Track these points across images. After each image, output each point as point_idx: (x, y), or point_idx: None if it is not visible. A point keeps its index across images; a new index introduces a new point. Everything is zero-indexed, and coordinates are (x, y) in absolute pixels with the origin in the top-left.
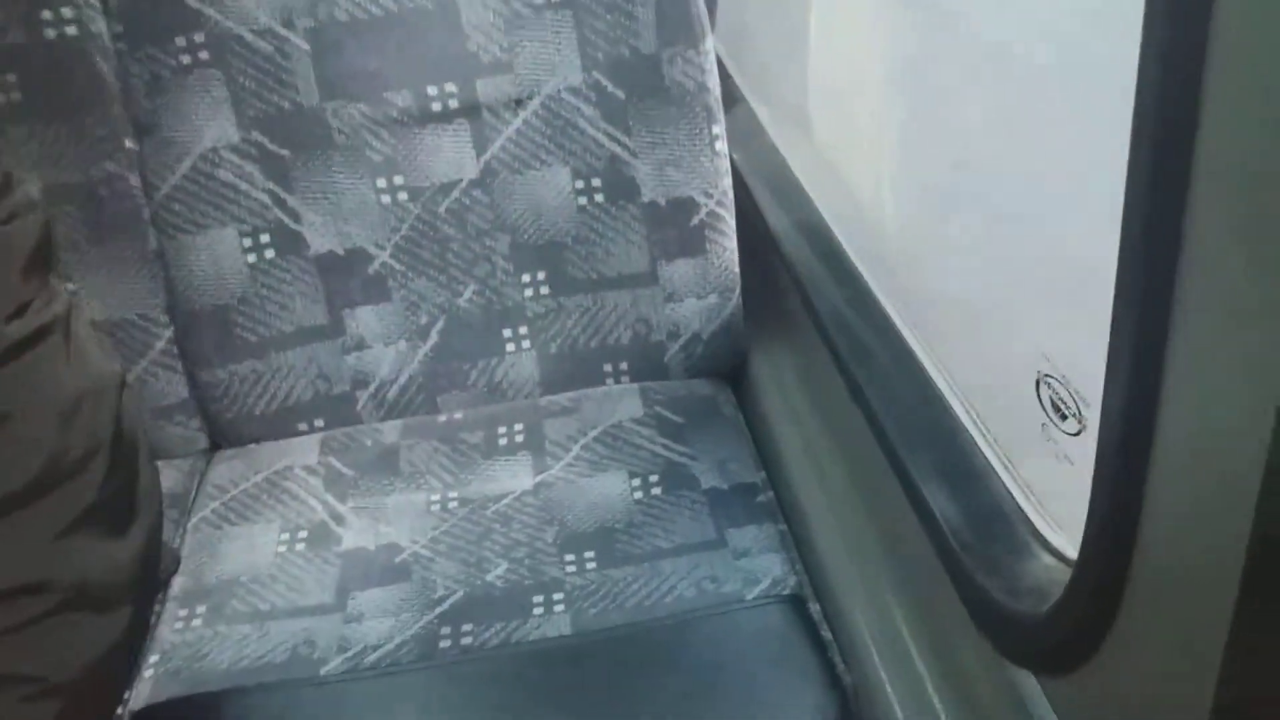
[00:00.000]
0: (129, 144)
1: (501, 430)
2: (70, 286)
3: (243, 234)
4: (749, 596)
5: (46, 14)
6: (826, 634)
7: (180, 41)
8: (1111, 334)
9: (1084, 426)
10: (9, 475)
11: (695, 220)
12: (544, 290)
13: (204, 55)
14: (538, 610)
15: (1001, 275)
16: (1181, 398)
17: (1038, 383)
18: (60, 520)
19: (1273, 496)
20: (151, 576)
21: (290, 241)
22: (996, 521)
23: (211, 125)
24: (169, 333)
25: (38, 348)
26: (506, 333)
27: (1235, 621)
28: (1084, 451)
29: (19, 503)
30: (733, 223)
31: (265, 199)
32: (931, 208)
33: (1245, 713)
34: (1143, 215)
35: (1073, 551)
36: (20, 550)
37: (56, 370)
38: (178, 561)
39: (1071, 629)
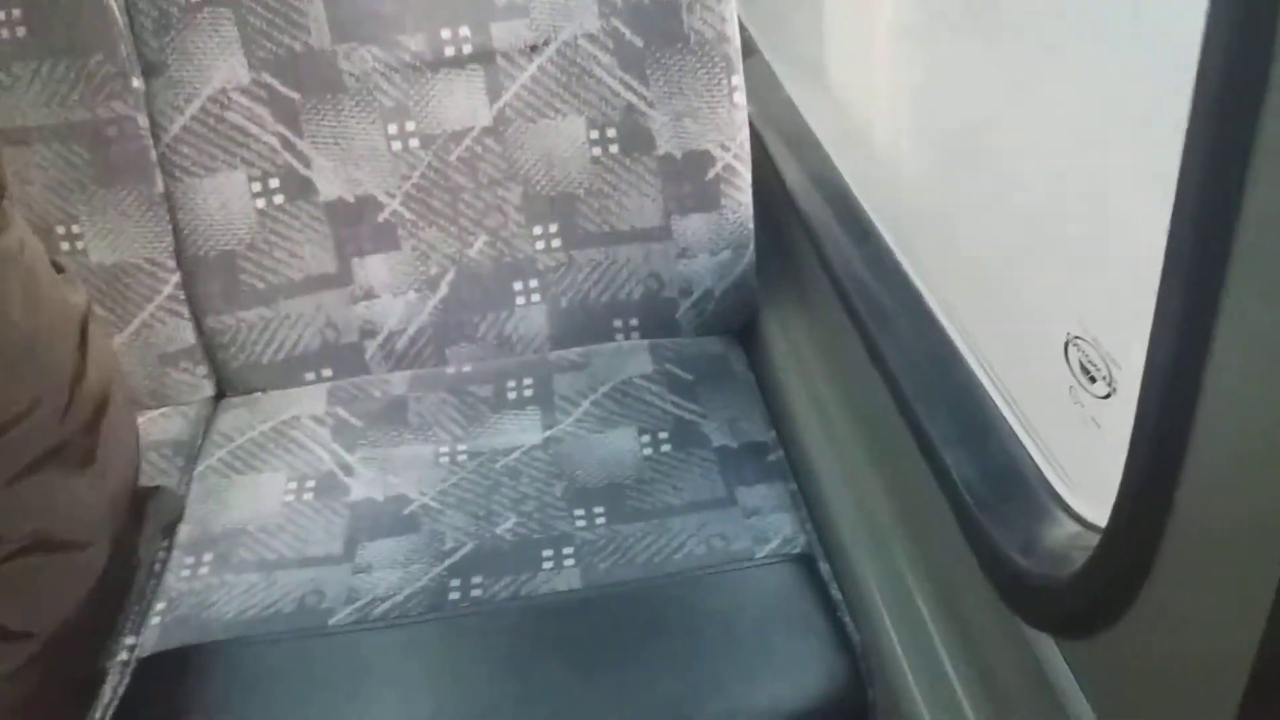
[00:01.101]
0: (136, 83)
1: (510, 384)
2: (76, 229)
3: (252, 178)
4: (758, 555)
5: None
6: (836, 593)
7: None
8: (1160, 292)
9: (1114, 390)
10: None
11: (711, 174)
12: (555, 243)
13: None
14: (547, 564)
15: (1027, 233)
16: (1228, 360)
17: (1066, 345)
18: (20, 458)
19: None
20: (137, 523)
21: (300, 187)
22: (1016, 484)
23: (220, 66)
24: (176, 278)
25: None
26: (517, 285)
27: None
28: (1113, 415)
29: None
30: (748, 177)
31: (275, 143)
32: (952, 163)
33: None
34: (1200, 173)
35: (1095, 516)
36: None
37: (7, 311)
38: (183, 508)
39: (1099, 594)
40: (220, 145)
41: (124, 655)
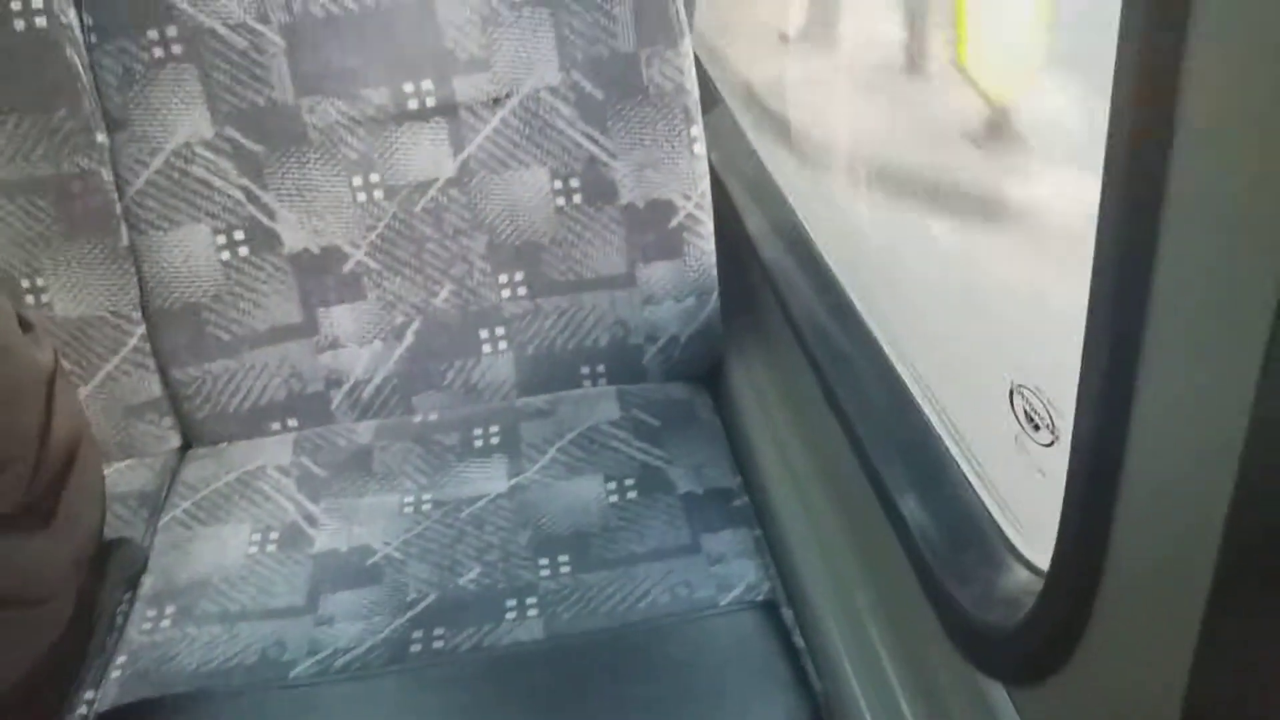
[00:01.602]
0: (100, 138)
1: (477, 432)
2: (40, 281)
3: (216, 231)
4: (722, 602)
5: (16, 4)
6: (799, 641)
7: (153, 34)
8: (1085, 343)
9: (1057, 438)
10: None
11: (674, 222)
12: (521, 291)
13: (176, 49)
14: (510, 614)
15: (977, 286)
16: (1153, 409)
17: (1011, 393)
18: None
19: (1242, 510)
20: (100, 576)
21: (264, 239)
22: (969, 531)
23: (185, 120)
24: (141, 330)
25: None
26: (483, 333)
27: (1203, 632)
28: (1057, 463)
29: None
30: (711, 225)
31: (239, 195)
32: (907, 217)
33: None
34: (1117, 222)
35: (1045, 563)
36: None
37: None
38: (146, 560)
39: (1042, 640)
40: (184, 199)
41: (83, 710)
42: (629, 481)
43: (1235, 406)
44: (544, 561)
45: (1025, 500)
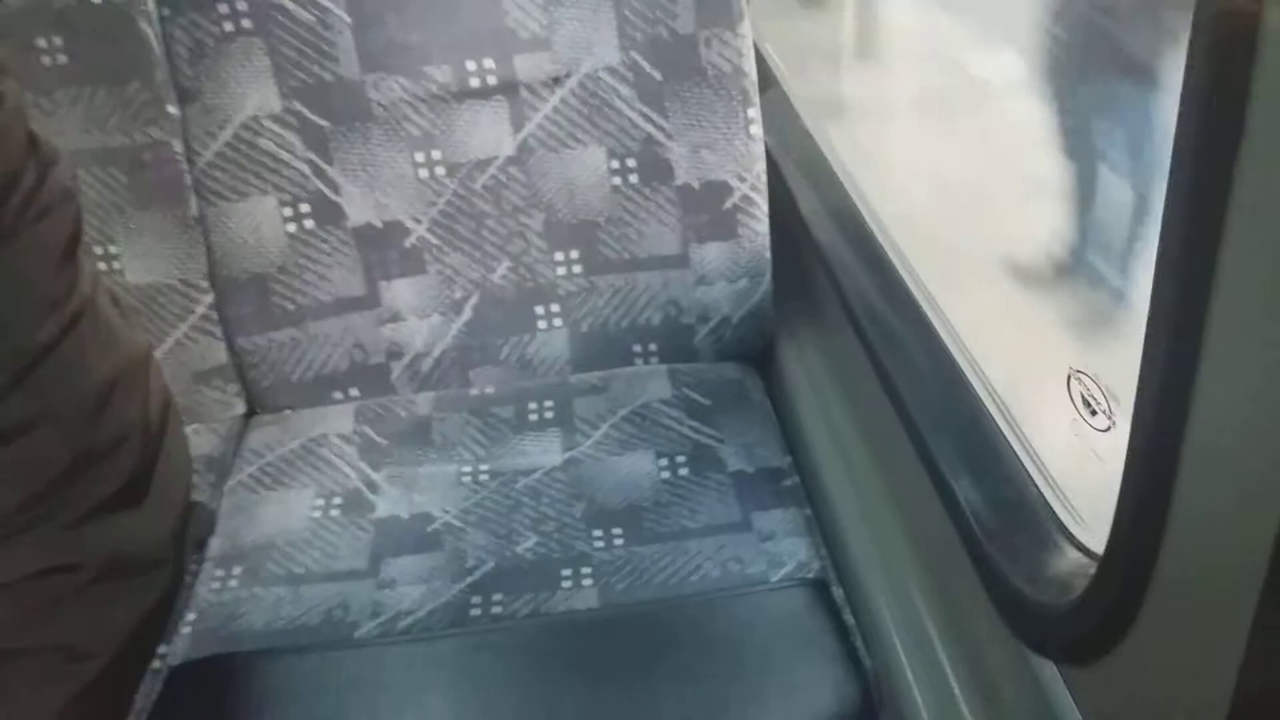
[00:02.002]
0: (172, 110)
1: (532, 406)
2: (113, 249)
3: (283, 203)
4: (773, 579)
5: None
6: (849, 619)
7: (223, 9)
8: (1148, 326)
9: (1114, 423)
10: (36, 474)
11: (728, 204)
12: (576, 269)
13: (246, 24)
14: (566, 583)
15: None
16: (1213, 394)
17: (1069, 378)
18: (88, 504)
19: None
20: (184, 539)
21: (329, 212)
22: (1021, 513)
23: (253, 93)
24: (209, 299)
25: (65, 342)
26: (539, 310)
27: (1258, 616)
28: (1113, 448)
29: (46, 494)
30: (765, 207)
31: (305, 169)
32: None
33: (1265, 707)
34: (1183, 204)
35: (1097, 546)
36: (48, 535)
37: (85, 362)
38: (214, 523)
39: (1096, 621)
40: (252, 170)
41: (156, 664)
42: (680, 458)
43: None
44: (598, 533)
45: (1079, 483)
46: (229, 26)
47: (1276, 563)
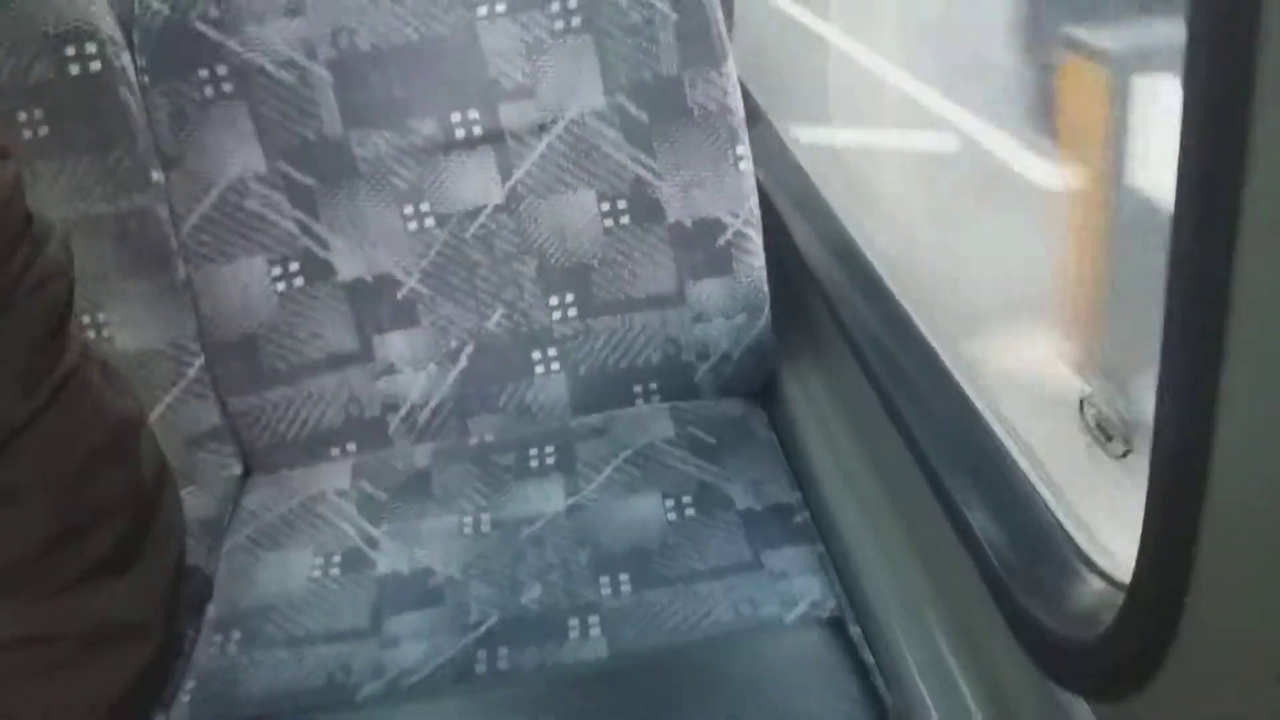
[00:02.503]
0: (155, 176)
1: (533, 452)
2: (101, 317)
3: (271, 262)
4: (787, 619)
5: (70, 50)
6: (868, 657)
7: (203, 74)
8: (1163, 344)
9: (1130, 448)
10: (17, 543)
11: (722, 240)
12: (572, 312)
13: (227, 88)
14: (573, 633)
15: (1039, 291)
16: (1239, 405)
17: (1081, 404)
18: (72, 572)
19: None
20: (178, 605)
21: (319, 269)
22: (1041, 543)
23: (237, 156)
24: (200, 361)
25: (51, 412)
26: (535, 355)
27: None
28: (1130, 473)
29: (27, 563)
30: (760, 241)
31: (293, 228)
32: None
33: None
34: (1194, 219)
35: (1123, 575)
36: (28, 604)
37: (71, 431)
38: (211, 587)
39: (1126, 653)
40: (239, 232)
41: None
42: (686, 499)
43: None
44: (605, 580)
45: (1099, 511)
46: (210, 91)
47: None
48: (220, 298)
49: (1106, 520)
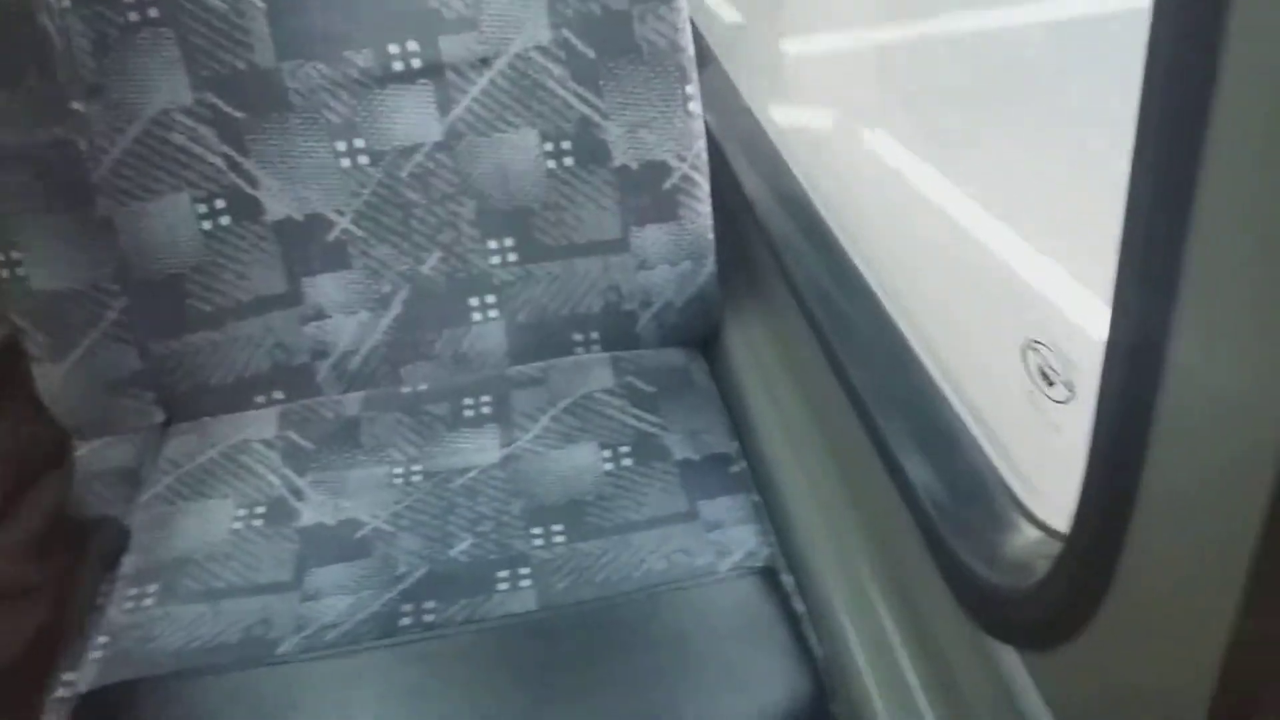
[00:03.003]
0: (76, 106)
1: (468, 402)
2: (16, 254)
3: (197, 199)
4: (721, 569)
5: None
6: (799, 606)
7: None
8: (1115, 287)
9: (1073, 394)
10: None
11: (668, 184)
12: (511, 257)
13: (153, 13)
14: (503, 586)
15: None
16: (1184, 366)
17: (1024, 349)
18: None
19: None
20: (79, 561)
21: (246, 207)
22: (977, 492)
23: (162, 86)
24: (120, 303)
25: None
26: (473, 301)
27: (1247, 591)
28: (1072, 420)
29: None
30: (707, 187)
31: (220, 163)
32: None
33: (1254, 691)
34: (1152, 163)
35: (1059, 524)
36: None
37: None
38: (128, 538)
39: (1060, 604)
40: (164, 167)
41: (63, 692)
42: (624, 449)
43: None
44: (537, 531)
45: (1037, 459)
46: (134, 16)
47: (1269, 534)
48: (143, 236)
49: (1045, 469)
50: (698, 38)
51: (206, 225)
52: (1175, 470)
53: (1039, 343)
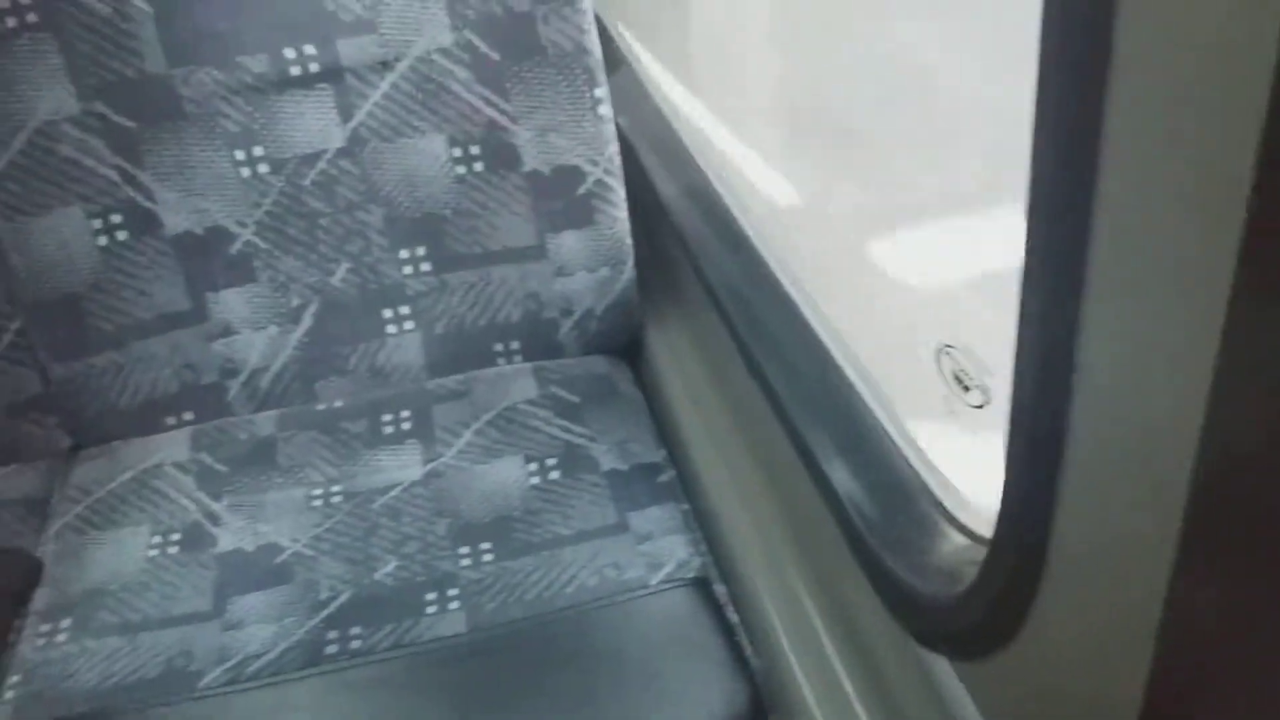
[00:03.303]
0: None
1: (386, 418)
2: None
3: (90, 214)
4: (653, 581)
5: None
6: (733, 616)
7: (3, 3)
8: (1021, 293)
9: (989, 399)
10: None
11: (582, 189)
12: (425, 267)
13: (31, 17)
14: (431, 608)
15: (901, 242)
16: (1096, 363)
17: (938, 353)
18: None
19: (1211, 462)
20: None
21: (143, 221)
22: (902, 498)
23: (47, 95)
24: (16, 324)
25: None
26: (387, 313)
27: (1172, 593)
28: (989, 424)
29: None
30: (622, 192)
31: (113, 175)
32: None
33: (1184, 693)
34: (1052, 159)
35: (985, 530)
36: None
37: None
38: (39, 571)
39: (987, 611)
40: (53, 181)
41: None
42: (550, 461)
43: (1201, 345)
44: (464, 550)
45: (960, 464)
46: (11, 22)
47: (1189, 532)
48: (35, 253)
49: (966, 475)
50: (608, 40)
51: (102, 241)
52: (1093, 471)
53: (951, 346)
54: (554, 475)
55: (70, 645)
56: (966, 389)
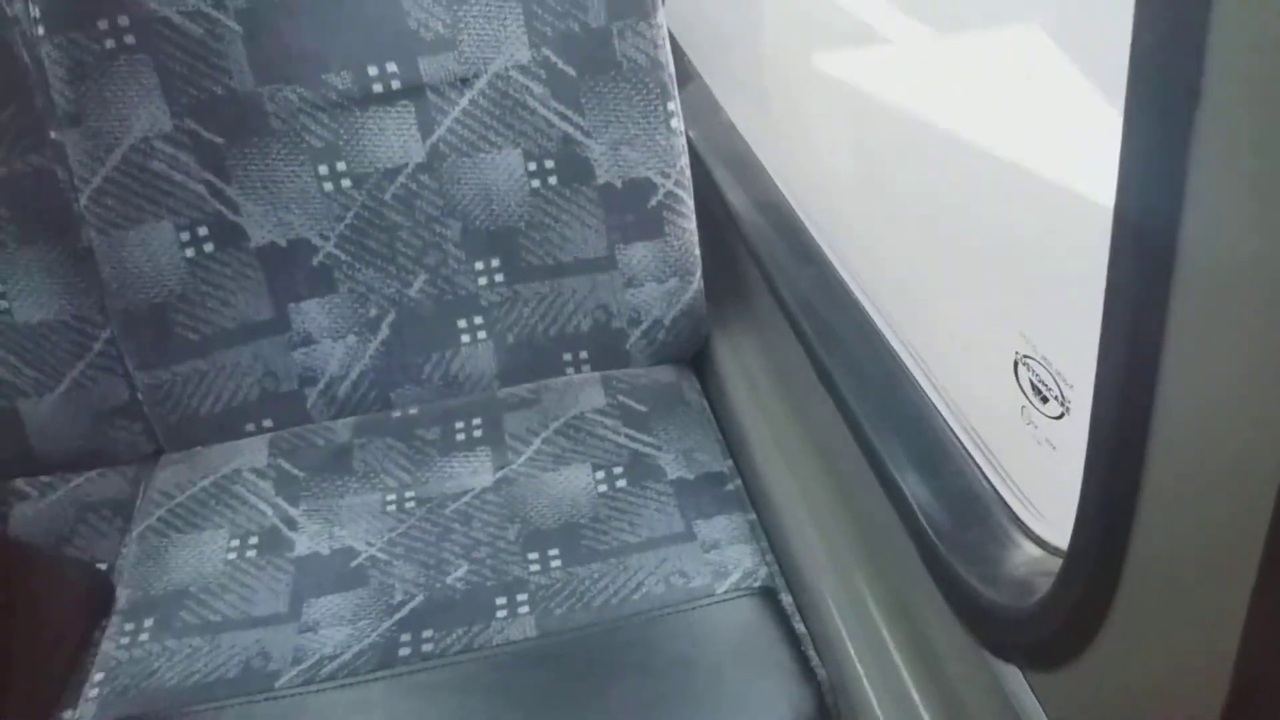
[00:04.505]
0: (54, 135)
1: (459, 425)
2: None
3: (179, 227)
4: (719, 590)
5: None
6: (800, 626)
7: (103, 25)
8: (1105, 306)
9: (1067, 409)
10: None
11: (653, 202)
12: (499, 278)
13: (129, 39)
14: (501, 613)
15: (976, 252)
16: (1180, 375)
17: (1016, 364)
18: None
19: None
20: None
21: (229, 233)
22: (975, 509)
23: (141, 113)
24: (106, 333)
25: None
26: (461, 323)
27: (1254, 605)
28: (1067, 435)
29: None
30: (691, 203)
31: (201, 190)
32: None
33: (1265, 703)
34: (1140, 180)
35: (1058, 540)
36: None
37: None
38: (111, 587)
39: (1063, 621)
40: (145, 195)
41: None
42: (618, 470)
43: None
44: (533, 556)
45: (1034, 475)
46: (110, 44)
47: (1273, 543)
48: (126, 265)
49: (1042, 485)
50: (679, 54)
51: (190, 253)
52: (1175, 482)
53: (1029, 357)
54: (621, 483)
55: (152, 644)
56: (1045, 400)
